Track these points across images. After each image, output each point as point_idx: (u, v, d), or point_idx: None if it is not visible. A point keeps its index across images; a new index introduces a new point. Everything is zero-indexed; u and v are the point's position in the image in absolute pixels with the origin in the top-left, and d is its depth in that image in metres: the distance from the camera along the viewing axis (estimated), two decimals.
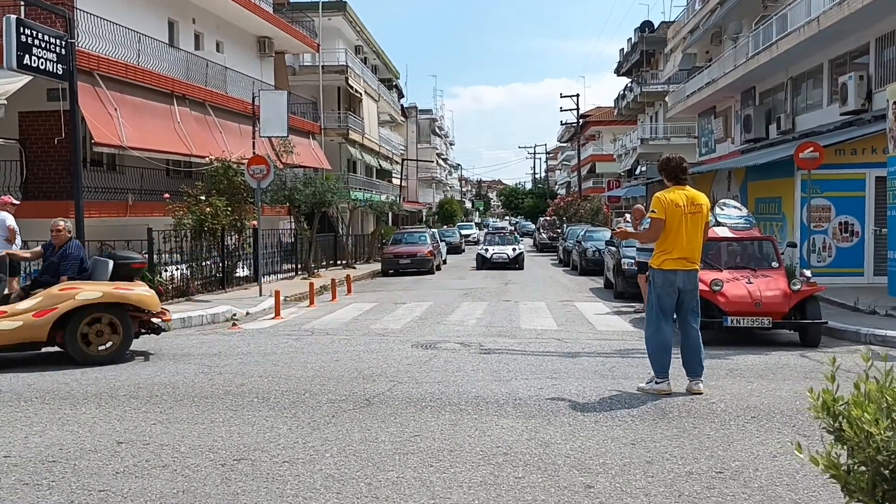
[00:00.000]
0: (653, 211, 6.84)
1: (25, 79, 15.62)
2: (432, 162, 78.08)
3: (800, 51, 20.84)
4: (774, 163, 17.25)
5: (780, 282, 9.83)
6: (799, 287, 9.58)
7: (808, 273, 10.40)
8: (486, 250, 27.86)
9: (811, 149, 13.77)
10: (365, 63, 46.21)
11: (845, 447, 2.59)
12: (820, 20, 18.64)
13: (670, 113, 37.58)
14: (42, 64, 13.76)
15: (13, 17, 13.35)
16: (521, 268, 26.85)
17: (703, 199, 6.91)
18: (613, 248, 16.70)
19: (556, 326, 11.72)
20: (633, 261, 14.22)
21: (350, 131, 39.59)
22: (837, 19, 17.70)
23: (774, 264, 10.44)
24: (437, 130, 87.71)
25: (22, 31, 13.24)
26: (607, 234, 21.75)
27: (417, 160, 67.46)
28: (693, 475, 4.57)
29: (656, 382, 6.76)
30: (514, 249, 27.58)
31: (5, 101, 15.90)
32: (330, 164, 33.92)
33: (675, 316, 6.94)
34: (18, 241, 12.53)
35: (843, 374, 2.83)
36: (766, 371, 7.91)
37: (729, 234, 10.64)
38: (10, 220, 12.34)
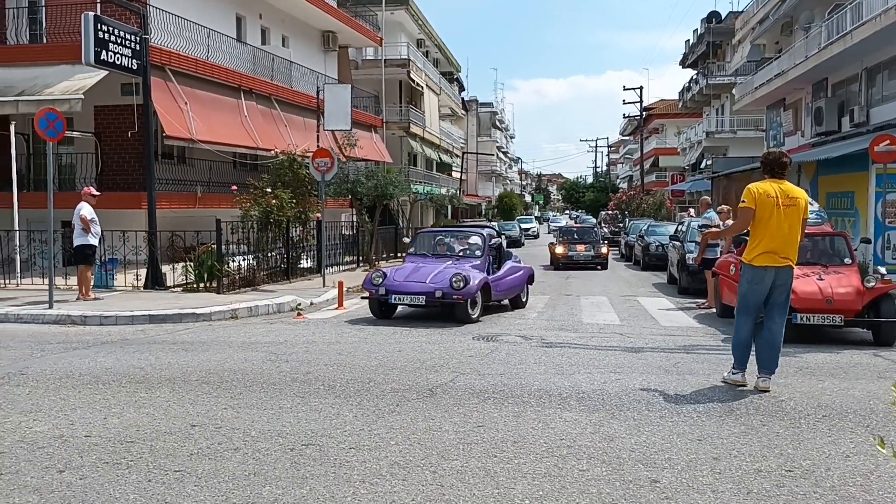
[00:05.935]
0: (742, 201, 6.72)
1: (101, 74, 16.18)
2: (492, 155, 77.95)
3: (876, 40, 20.10)
4: (848, 156, 16.69)
5: (853, 279, 9.54)
6: (873, 284, 9.30)
7: (882, 270, 10.06)
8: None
9: (887, 142, 13.25)
10: (426, 56, 46.38)
11: None
12: None
13: (737, 105, 36.63)
14: (117, 59, 14.26)
15: (91, 14, 13.85)
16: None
17: (798, 192, 6.74)
18: (678, 243, 16.45)
19: (619, 321, 11.61)
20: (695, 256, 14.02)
21: (411, 125, 39.83)
22: None
23: (847, 261, 10.14)
24: (497, 124, 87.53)
25: (99, 27, 13.74)
26: (671, 228, 21.24)
27: (477, 153, 67.45)
28: (762, 473, 4.50)
29: (732, 373, 6.90)
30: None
31: (82, 96, 16.51)
32: (391, 158, 34.20)
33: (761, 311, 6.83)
34: (96, 229, 13.04)
35: None
36: (838, 370, 7.70)
37: None
38: (84, 210, 12.84)
